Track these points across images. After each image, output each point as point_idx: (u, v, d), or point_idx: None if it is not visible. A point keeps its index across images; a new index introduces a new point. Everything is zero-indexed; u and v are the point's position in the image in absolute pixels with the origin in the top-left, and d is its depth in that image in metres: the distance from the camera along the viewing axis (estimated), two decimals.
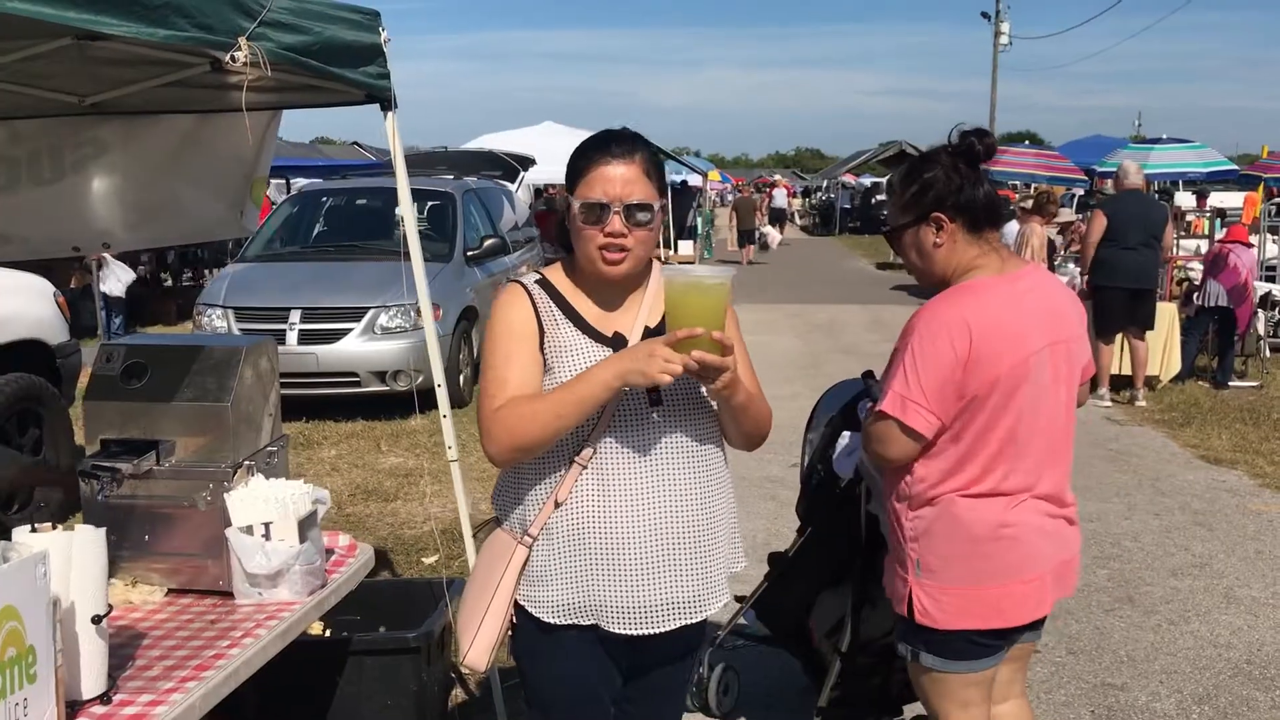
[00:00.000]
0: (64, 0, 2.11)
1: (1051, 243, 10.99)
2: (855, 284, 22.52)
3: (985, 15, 44.14)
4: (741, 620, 4.14)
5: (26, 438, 6.45)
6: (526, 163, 15.17)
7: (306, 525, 2.96)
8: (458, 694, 4.22)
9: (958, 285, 2.66)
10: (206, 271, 17.76)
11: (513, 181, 14.50)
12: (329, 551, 3.26)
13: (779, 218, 36.23)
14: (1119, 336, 10.06)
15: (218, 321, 9.43)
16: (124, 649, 2.60)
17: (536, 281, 2.45)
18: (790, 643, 4.03)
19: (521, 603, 2.42)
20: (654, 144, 2.42)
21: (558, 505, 2.35)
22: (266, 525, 2.89)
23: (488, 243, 10.88)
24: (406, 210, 3.62)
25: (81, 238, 3.85)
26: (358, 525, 6.51)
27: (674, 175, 27.67)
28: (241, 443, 3.00)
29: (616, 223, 2.30)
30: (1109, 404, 9.94)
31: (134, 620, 2.81)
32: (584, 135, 2.55)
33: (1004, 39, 43.38)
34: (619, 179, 2.31)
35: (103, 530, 2.31)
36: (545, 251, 12.98)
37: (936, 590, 2.68)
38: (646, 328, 2.41)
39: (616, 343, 2.39)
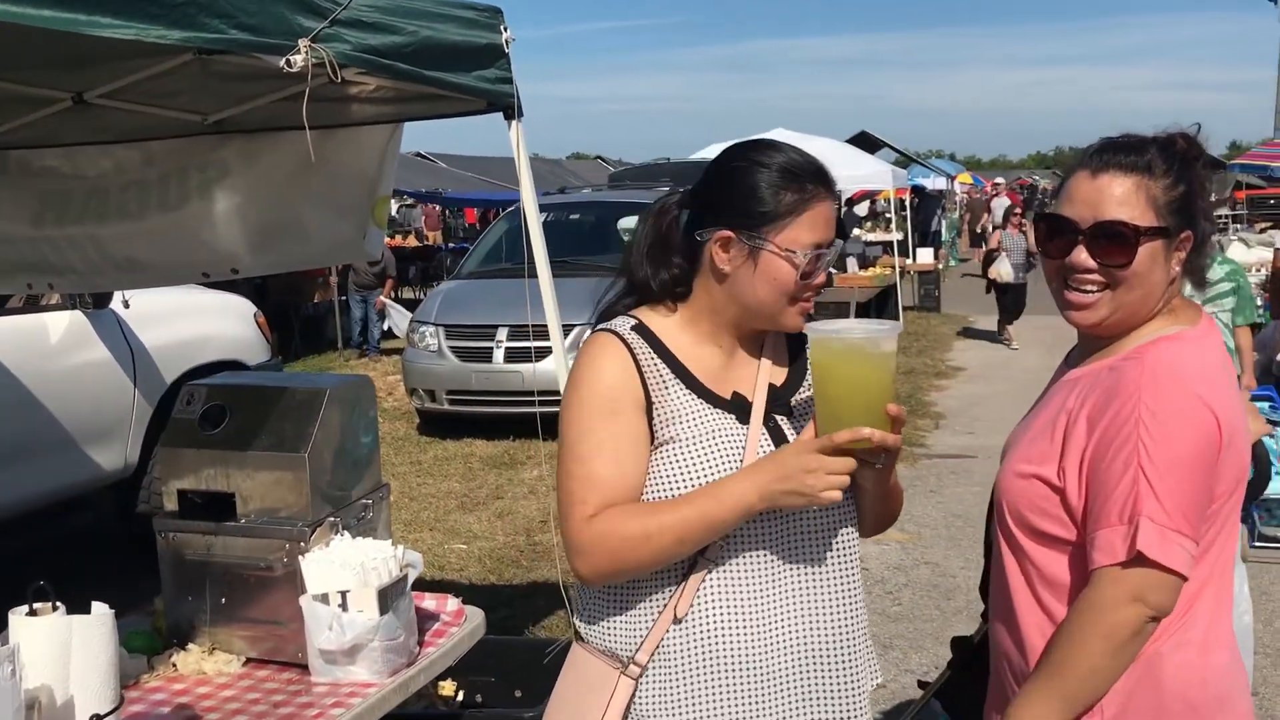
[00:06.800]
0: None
1: None
2: None
3: None
4: (935, 705, 3.52)
5: None
6: None
7: (392, 595, 2.59)
8: None
9: (1162, 339, 1.82)
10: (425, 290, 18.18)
11: None
12: (432, 618, 2.89)
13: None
14: None
15: (429, 339, 9.43)
16: None
17: (633, 328, 1.92)
18: None
19: None
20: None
21: (677, 621, 1.85)
22: (343, 594, 2.54)
23: None
24: (533, 224, 3.26)
25: (210, 263, 3.66)
26: (544, 556, 6.20)
27: (917, 179, 26.56)
28: (322, 498, 2.66)
29: (822, 273, 1.89)
30: None
31: (197, 696, 2.51)
32: (816, 141, 2.06)
33: None
34: (834, 219, 1.89)
35: (110, 613, 2.00)
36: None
37: None
38: (771, 386, 1.92)
39: (737, 406, 1.89)
